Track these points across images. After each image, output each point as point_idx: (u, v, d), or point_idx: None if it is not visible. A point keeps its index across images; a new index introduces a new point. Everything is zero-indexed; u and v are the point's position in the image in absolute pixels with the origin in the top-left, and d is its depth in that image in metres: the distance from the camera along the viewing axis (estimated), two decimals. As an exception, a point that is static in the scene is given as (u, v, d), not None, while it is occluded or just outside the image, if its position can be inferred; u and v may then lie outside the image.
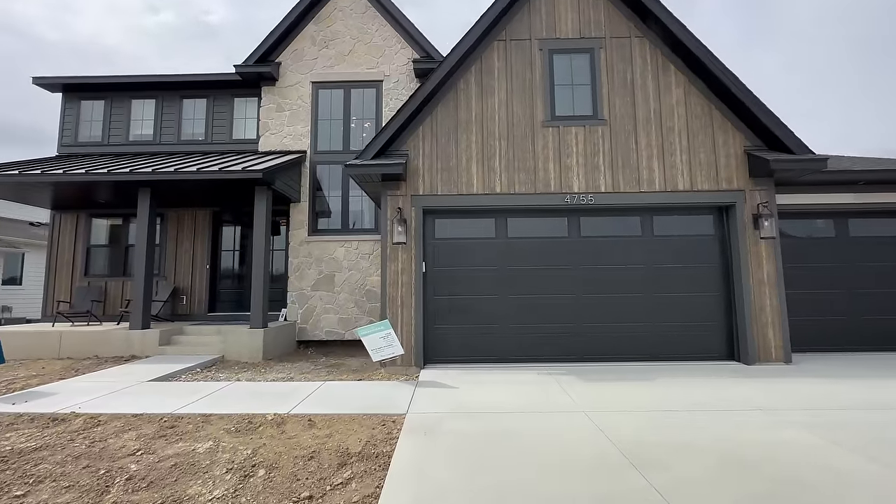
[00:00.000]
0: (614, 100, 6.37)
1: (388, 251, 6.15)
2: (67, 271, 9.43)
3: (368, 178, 6.14)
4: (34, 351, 7.30)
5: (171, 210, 9.48)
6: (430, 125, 6.38)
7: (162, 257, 9.38)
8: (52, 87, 9.75)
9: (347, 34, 9.41)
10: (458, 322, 6.26)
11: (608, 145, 6.29)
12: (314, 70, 9.33)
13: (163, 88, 9.80)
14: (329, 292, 8.79)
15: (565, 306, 6.26)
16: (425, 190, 6.25)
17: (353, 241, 8.86)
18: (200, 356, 7.12)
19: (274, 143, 9.20)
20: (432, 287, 6.29)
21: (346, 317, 8.72)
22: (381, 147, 6.09)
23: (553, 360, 6.14)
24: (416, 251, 6.13)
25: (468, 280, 6.30)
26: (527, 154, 6.30)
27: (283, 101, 9.31)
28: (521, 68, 6.46)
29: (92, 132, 9.80)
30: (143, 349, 7.29)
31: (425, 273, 6.25)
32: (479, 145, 6.33)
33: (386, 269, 6.12)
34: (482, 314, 6.26)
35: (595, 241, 6.37)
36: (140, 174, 7.23)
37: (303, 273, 8.87)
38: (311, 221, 9.06)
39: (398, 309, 6.08)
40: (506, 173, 6.27)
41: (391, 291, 6.10)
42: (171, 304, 9.23)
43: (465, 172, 6.28)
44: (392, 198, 6.24)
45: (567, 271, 6.31)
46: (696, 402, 4.32)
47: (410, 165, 6.29)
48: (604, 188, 6.22)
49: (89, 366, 6.64)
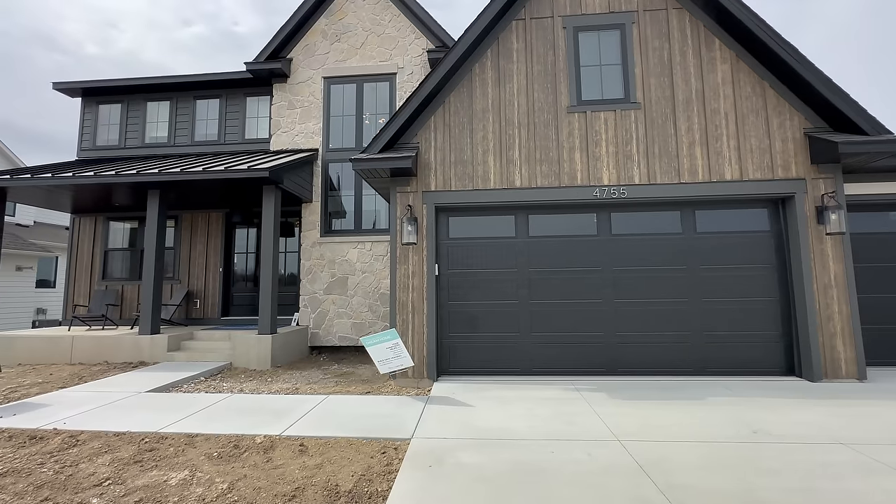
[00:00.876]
0: (649, 80, 5.65)
1: (398, 252, 5.66)
2: (86, 275, 9.45)
3: (376, 174, 5.68)
4: (48, 356, 7.24)
5: (186, 212, 9.36)
6: (443, 115, 5.86)
7: (176, 260, 9.26)
8: (72, 91, 9.82)
9: (360, 26, 9.01)
10: (474, 330, 5.70)
11: (642, 131, 5.58)
12: (326, 65, 8.98)
13: (177, 90, 9.70)
14: (342, 296, 8.40)
15: (594, 313, 5.60)
16: (438, 185, 5.73)
17: (366, 241, 8.44)
18: (208, 363, 6.86)
19: (285, 141, 8.91)
20: (446, 291, 5.75)
21: (359, 321, 8.31)
22: (389, 140, 5.61)
23: (580, 374, 5.49)
24: (428, 252, 5.62)
25: (485, 284, 5.74)
26: (549, 144, 5.67)
27: (294, 98, 9.01)
28: (542, 49, 5.84)
29: (109, 136, 9.81)
30: (152, 355, 7.10)
31: (438, 276, 5.72)
32: (496, 135, 5.76)
33: (395, 272, 5.64)
34: (501, 321, 5.68)
35: (628, 239, 5.67)
36: (144, 176, 7.04)
37: (315, 276, 8.52)
38: (324, 222, 8.71)
39: (409, 315, 5.58)
40: (526, 165, 5.66)
41: (401, 296, 5.61)
42: (185, 307, 9.08)
43: (481, 166, 5.72)
44: (401, 194, 5.75)
45: (596, 274, 5.64)
46: (758, 431, 3.60)
47: (421, 159, 5.78)
48: (638, 180, 5.52)
49: (96, 373, 6.47)
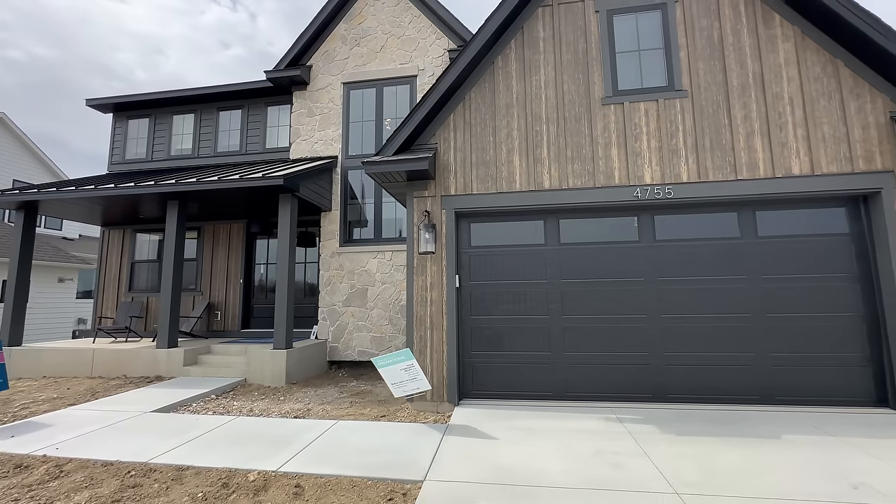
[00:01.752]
0: (696, 65, 4.98)
1: (415, 262, 5.19)
2: (114, 286, 9.55)
3: (390, 178, 5.26)
4: (70, 368, 7.21)
5: (208, 223, 9.31)
6: (463, 112, 5.39)
7: (198, 272, 9.20)
8: (104, 107, 10.07)
9: (379, 29, 8.74)
10: (499, 348, 5.12)
11: (690, 122, 4.90)
12: (345, 70, 8.76)
13: (201, 101, 9.75)
14: (361, 308, 8.02)
15: (637, 331, 4.90)
16: (458, 189, 5.24)
17: (386, 251, 8.05)
18: (223, 379, 6.60)
19: (305, 149, 8.71)
20: (468, 305, 5.22)
21: (379, 335, 7.88)
22: (405, 141, 5.18)
23: (622, 400, 4.80)
24: (448, 262, 5.11)
25: (512, 296, 5.16)
26: (582, 140, 5.08)
27: (313, 106, 8.81)
28: (572, 37, 5.28)
29: (138, 150, 9.97)
30: (168, 369, 6.93)
31: (459, 288, 5.20)
32: (522, 133, 5.22)
33: (412, 284, 5.16)
34: (530, 339, 5.08)
35: (676, 245, 4.96)
36: (160, 187, 6.94)
37: (334, 287, 8.20)
38: (343, 231, 8.39)
39: (427, 331, 5.08)
40: (556, 164, 5.09)
41: (418, 310, 5.12)
42: (206, 319, 8.97)
43: (505, 166, 5.19)
44: (418, 200, 5.29)
45: (639, 285, 4.96)
46: (859, 486, 2.84)
47: (440, 161, 5.32)
48: (686, 177, 4.82)
49: (111, 388, 6.33)
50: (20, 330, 7.71)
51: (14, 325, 7.62)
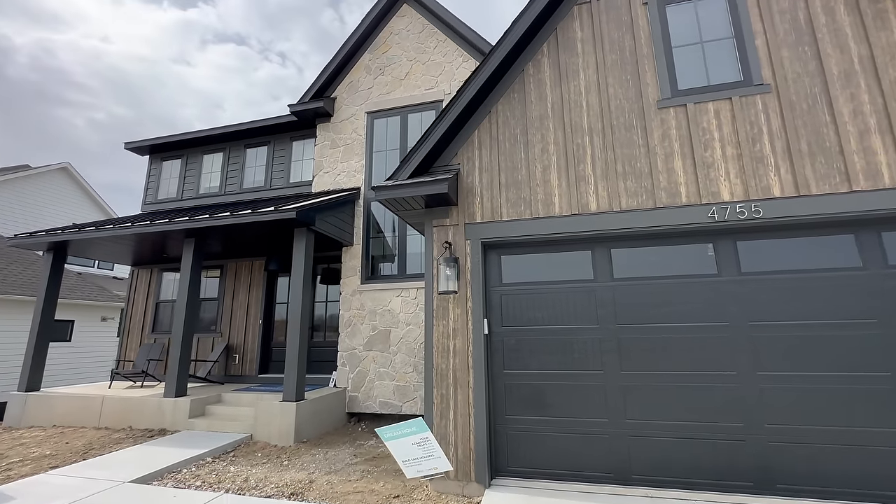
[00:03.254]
0: (779, 53, 3.99)
1: (434, 304, 4.34)
2: (139, 327, 9.35)
3: (406, 205, 4.53)
4: (79, 417, 6.81)
5: (231, 261, 9.01)
6: (489, 127, 4.64)
7: (219, 312, 8.81)
8: (141, 150, 10.32)
9: (404, 56, 8.40)
10: (541, 412, 4.07)
11: (778, 122, 3.86)
12: (369, 100, 8.41)
13: (230, 139, 9.76)
14: (384, 352, 7.19)
15: (724, 392, 3.71)
16: (485, 215, 4.41)
17: (411, 288, 7.27)
18: (227, 435, 5.89)
19: (328, 182, 8.30)
20: (500, 356, 4.26)
21: (402, 384, 6.97)
22: (422, 162, 4.48)
23: (711, 489, 3.56)
24: (474, 303, 4.22)
25: (554, 346, 4.15)
26: (635, 151, 4.15)
27: (336, 137, 8.48)
28: (616, 34, 4.48)
29: (169, 189, 10.04)
30: (173, 421, 6.33)
31: (489, 335, 4.27)
32: (560, 147, 4.38)
33: (431, 330, 4.29)
34: (579, 400, 4.00)
35: (770, 279, 3.81)
36: (172, 224, 6.64)
37: (355, 329, 7.46)
38: (365, 267, 7.74)
39: (449, 389, 4.14)
40: (604, 182, 4.17)
41: (439, 362, 4.21)
42: (224, 362, 8.46)
43: (541, 186, 4.33)
44: (438, 229, 4.51)
45: (722, 332, 3.81)
46: None
47: (462, 183, 4.55)
48: (778, 191, 3.74)
49: (111, 443, 5.79)
50: (40, 375, 7.50)
51: (34, 369, 7.42)
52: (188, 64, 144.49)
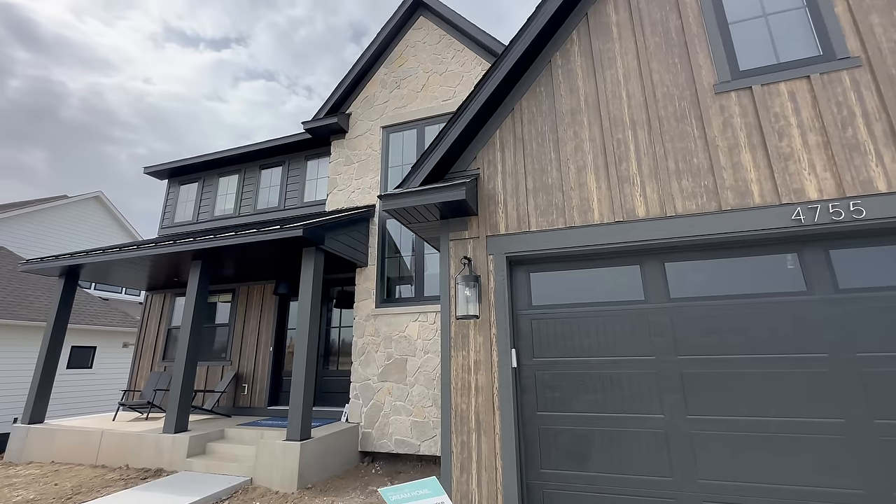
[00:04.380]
0: (867, 20, 3.28)
1: (452, 331, 3.67)
2: (150, 354, 9.02)
3: (418, 216, 3.95)
4: (78, 453, 6.36)
5: (242, 285, 8.63)
6: (512, 126, 4.06)
7: (229, 339, 8.38)
8: (161, 174, 10.29)
9: (420, 68, 8.05)
10: (583, 466, 3.27)
11: (874, 102, 3.11)
12: (385, 114, 8.05)
13: (245, 161, 9.59)
14: (400, 384, 6.51)
15: (827, 445, 2.85)
16: (509, 226, 3.77)
17: (429, 312, 6.62)
18: (224, 479, 5.28)
19: (341, 200, 7.89)
20: (532, 396, 3.52)
21: (421, 420, 6.24)
22: (436, 167, 3.92)
23: (826, 580, 2.66)
24: (500, 330, 3.54)
25: (599, 383, 3.39)
26: (691, 144, 3.46)
27: (351, 154, 8.11)
28: (658, 14, 3.87)
29: (186, 212, 9.90)
30: (171, 461, 5.79)
31: (518, 369, 3.55)
32: (597, 143, 3.73)
33: (448, 363, 3.61)
34: (634, 453, 3.19)
35: (878, 298, 2.97)
36: (176, 246, 6.30)
37: (368, 357, 6.83)
38: (380, 289, 7.17)
39: (471, 436, 3.41)
40: (652, 183, 3.47)
41: (458, 402, 3.51)
42: (233, 393, 7.95)
43: (575, 190, 3.68)
44: (456, 244, 3.89)
45: (819, 365, 2.97)
46: None
47: (483, 190, 3.95)
48: (883, 184, 2.95)
49: (101, 485, 5.28)
50: (44, 406, 7.17)
51: (38, 400, 7.10)
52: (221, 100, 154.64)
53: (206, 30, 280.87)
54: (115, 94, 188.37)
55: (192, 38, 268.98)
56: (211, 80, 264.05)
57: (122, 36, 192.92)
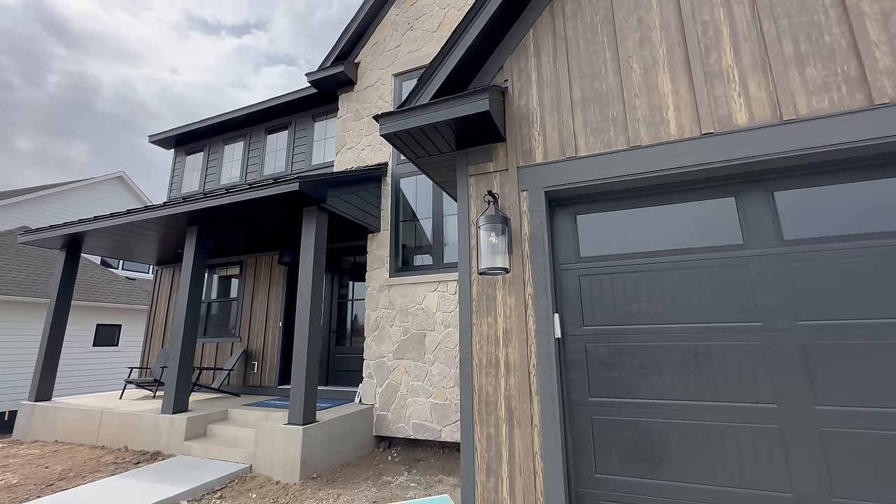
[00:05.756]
0: None
1: (473, 291, 2.80)
2: (160, 332, 8.64)
3: (427, 145, 3.04)
4: (79, 433, 5.99)
5: (250, 256, 8.04)
6: (550, 23, 3.05)
7: (238, 314, 7.85)
8: (167, 143, 9.76)
9: (435, 4, 6.99)
10: (656, 471, 2.38)
11: None
12: (396, 60, 7.09)
13: (250, 124, 8.89)
14: (418, 361, 5.75)
15: None
16: (549, 152, 2.82)
17: (449, 280, 5.78)
18: (222, 465, 4.71)
19: (350, 159, 7.06)
20: (582, 376, 2.62)
21: (441, 402, 5.48)
22: (449, 77, 2.98)
23: None
24: (537, 289, 2.63)
25: (677, 359, 2.45)
26: (817, 17, 2.37)
27: (360, 107, 7.23)
28: None
29: (192, 182, 9.36)
30: (168, 443, 5.29)
31: (562, 341, 2.66)
32: (671, 31, 2.69)
33: (468, 333, 2.75)
34: (732, 458, 2.26)
35: None
36: (167, 209, 5.65)
37: (383, 332, 6.09)
38: (394, 257, 6.37)
39: (500, 427, 2.56)
40: (758, 76, 2.42)
41: (482, 384, 2.66)
42: (243, 371, 7.45)
43: (641, 97, 2.67)
44: (477, 179, 2.97)
45: None
46: None
47: (513, 108, 2.99)
48: None
49: (93, 469, 4.81)
50: (51, 382, 6.86)
51: (44, 377, 6.78)
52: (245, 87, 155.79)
53: (227, 17, 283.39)
54: (145, 84, 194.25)
55: (214, 26, 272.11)
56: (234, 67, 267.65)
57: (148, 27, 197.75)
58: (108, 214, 6.15)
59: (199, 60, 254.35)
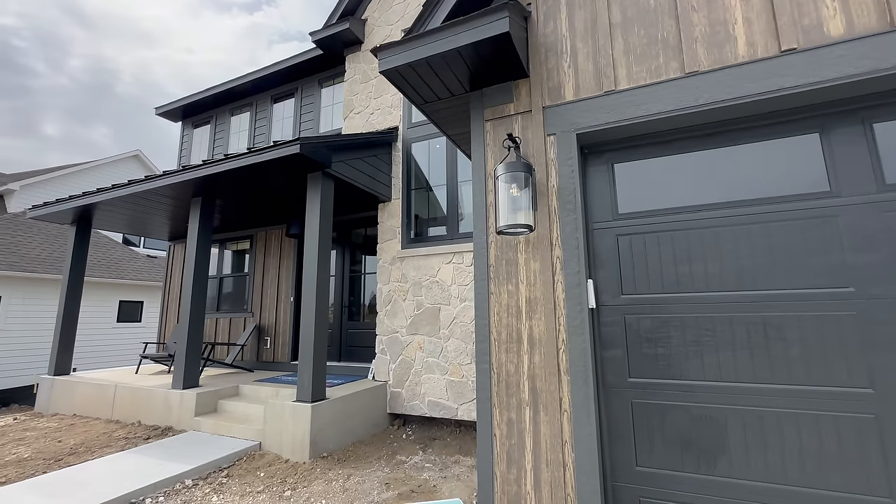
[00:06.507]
0: None
1: (491, 256, 2.39)
2: (175, 307, 8.59)
3: (434, 84, 2.59)
4: (95, 407, 5.98)
5: (260, 230, 7.80)
6: (584, -72, 2.50)
7: (249, 289, 7.68)
8: (173, 115, 9.49)
9: (447, -52, 6.33)
10: (711, 468, 1.98)
11: None
12: (407, 14, 6.51)
13: (256, 92, 8.51)
14: (433, 337, 5.44)
15: None
16: (581, 87, 2.33)
17: (465, 251, 5.39)
18: (231, 442, 4.56)
19: (358, 124, 6.63)
20: (620, 353, 2.21)
21: (458, 379, 5.19)
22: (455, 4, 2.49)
23: None
24: (567, 252, 2.21)
25: (741, 333, 2.01)
26: None
27: (368, 68, 6.73)
28: None
29: (201, 156, 9.10)
30: (179, 419, 5.19)
31: (596, 312, 2.25)
32: (740, -76, 2.12)
33: (485, 303, 2.37)
34: (811, 452, 1.84)
35: None
36: (165, 179, 5.37)
37: (395, 306, 5.79)
38: (406, 228, 6.00)
39: (523, 412, 2.20)
40: (861, -28, 1.86)
41: (501, 361, 2.29)
42: (256, 346, 7.32)
43: (700, 11, 2.14)
44: (496, 124, 2.52)
45: None
46: None
47: (536, 36, 2.50)
48: None
49: (104, 444, 4.74)
50: (69, 358, 6.88)
51: (62, 352, 6.79)
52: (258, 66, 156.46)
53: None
54: (161, 66, 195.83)
55: (225, 3, 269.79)
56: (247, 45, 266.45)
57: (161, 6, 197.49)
58: (110, 186, 5.94)
59: (212, 40, 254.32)
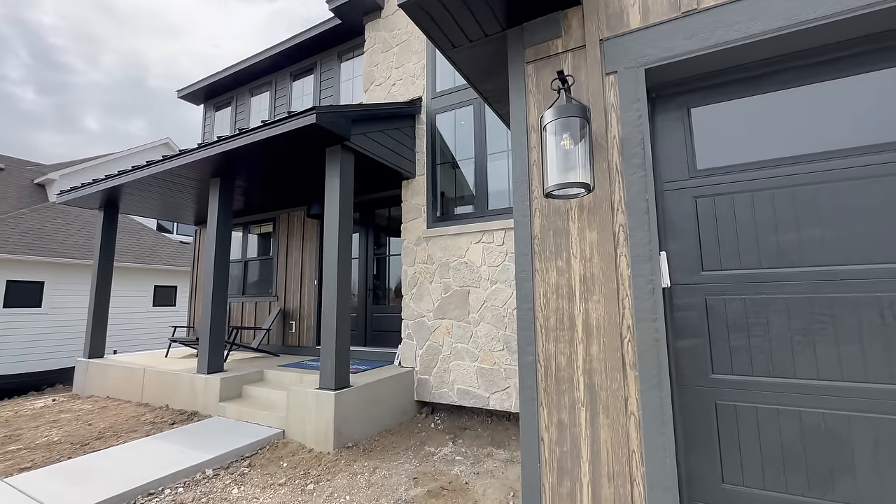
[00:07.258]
0: None
1: (535, 226, 1.98)
2: (203, 291, 8.59)
3: (463, 19, 2.15)
4: (126, 389, 6.02)
5: (283, 212, 7.62)
6: None
7: (274, 272, 7.55)
8: (195, 97, 9.37)
9: None
10: (822, 491, 1.54)
11: None
12: (428, -26, 5.99)
13: (275, 70, 8.23)
14: (461, 322, 5.10)
15: None
16: (652, 10, 1.85)
17: (496, 229, 4.98)
18: (254, 429, 4.41)
19: (380, 96, 6.23)
20: (702, 344, 1.78)
21: (489, 367, 4.84)
22: (496, -87, 2.02)
23: None
24: (633, 217, 1.77)
25: (870, 315, 1.54)
26: None
27: (389, 36, 6.29)
28: None
29: (223, 138, 8.97)
30: (204, 403, 5.10)
31: (669, 293, 1.81)
32: None
33: (530, 283, 1.96)
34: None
35: None
36: (179, 159, 5.17)
37: (422, 289, 5.47)
38: (432, 206, 5.62)
39: (577, 413, 1.81)
40: None
41: (548, 352, 1.89)
42: (281, 330, 7.21)
43: None
44: (538, 66, 2.07)
45: None
46: None
47: (592, -49, 2.01)
48: None
49: (132, 428, 4.70)
50: (102, 341, 6.96)
51: (95, 336, 6.87)
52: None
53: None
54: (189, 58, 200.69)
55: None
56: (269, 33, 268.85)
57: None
58: (129, 168, 5.82)
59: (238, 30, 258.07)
